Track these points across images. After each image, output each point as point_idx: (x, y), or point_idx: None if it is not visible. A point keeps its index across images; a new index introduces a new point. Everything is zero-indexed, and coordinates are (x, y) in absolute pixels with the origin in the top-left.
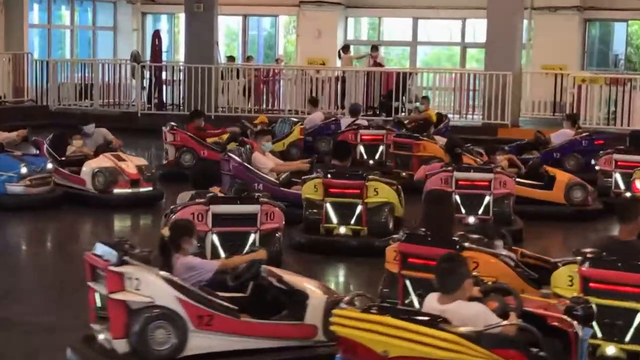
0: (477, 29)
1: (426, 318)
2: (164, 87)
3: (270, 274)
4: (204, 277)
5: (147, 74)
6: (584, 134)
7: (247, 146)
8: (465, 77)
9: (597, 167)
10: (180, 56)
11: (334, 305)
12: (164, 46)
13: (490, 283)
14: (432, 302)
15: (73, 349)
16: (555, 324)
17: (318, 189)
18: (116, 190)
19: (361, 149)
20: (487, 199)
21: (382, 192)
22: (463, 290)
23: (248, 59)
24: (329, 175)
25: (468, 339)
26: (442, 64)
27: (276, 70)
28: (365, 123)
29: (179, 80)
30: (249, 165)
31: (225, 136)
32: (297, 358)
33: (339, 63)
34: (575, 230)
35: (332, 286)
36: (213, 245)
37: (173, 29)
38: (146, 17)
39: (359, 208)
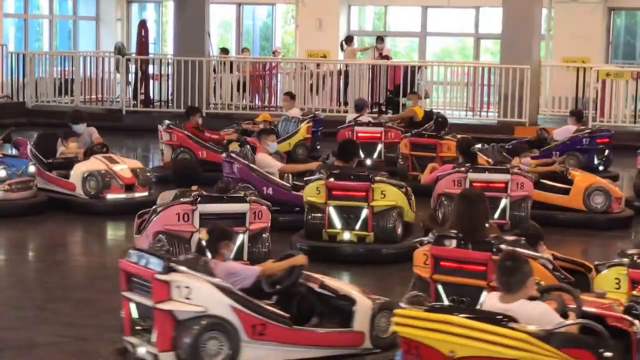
0: (492, 18)
1: (495, 317)
2: (151, 82)
3: (309, 279)
4: (246, 284)
5: (132, 68)
6: (585, 132)
7: (248, 146)
8: (479, 71)
9: (638, 167)
10: (169, 48)
11: (379, 310)
12: (151, 37)
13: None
14: (494, 301)
15: None
16: (616, 323)
17: (321, 192)
18: (109, 196)
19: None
20: (503, 201)
21: (389, 195)
22: (526, 289)
23: (243, 51)
24: (333, 177)
25: (538, 338)
26: (453, 57)
27: (273, 64)
28: (369, 119)
29: (167, 75)
30: (256, 167)
31: (231, 136)
32: None
33: (341, 56)
34: (597, 239)
35: None
36: (200, 247)
37: (161, 19)
38: (131, 5)
39: (365, 212)
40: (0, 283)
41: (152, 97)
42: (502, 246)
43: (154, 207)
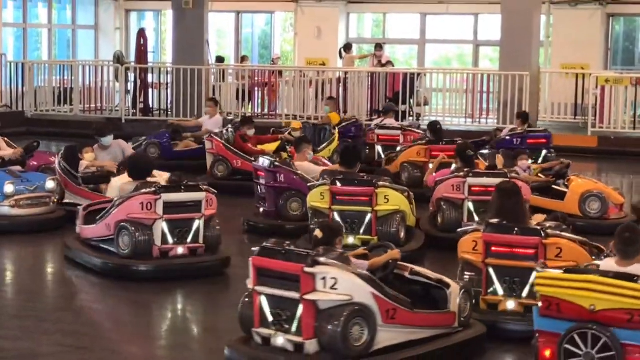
0: (491, 25)
1: (628, 276)
2: (150, 90)
3: (400, 268)
4: None
5: (131, 77)
6: (518, 132)
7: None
8: (478, 77)
9: None
10: (168, 57)
11: (465, 293)
12: (150, 46)
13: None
14: (611, 265)
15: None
16: None
17: (325, 197)
18: None
19: (379, 149)
20: None
21: (393, 199)
22: (639, 257)
23: (242, 59)
24: (337, 182)
25: None
26: (452, 64)
27: (272, 72)
28: (395, 124)
29: (167, 83)
30: (305, 175)
31: (272, 146)
32: (449, 345)
33: (340, 63)
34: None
35: None
36: (163, 233)
37: (160, 28)
38: (130, 14)
39: (369, 217)
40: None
41: (151, 106)
42: (549, 231)
43: (112, 199)
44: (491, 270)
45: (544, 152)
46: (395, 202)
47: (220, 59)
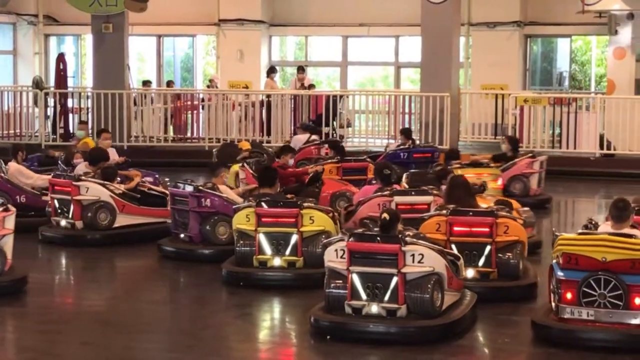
0: (412, 47)
1: (628, 235)
2: (70, 115)
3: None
4: None
5: (51, 102)
6: (401, 146)
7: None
8: (400, 99)
9: None
10: (88, 81)
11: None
12: (70, 71)
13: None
14: (607, 229)
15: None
16: None
17: (250, 219)
18: None
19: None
20: None
21: (318, 220)
22: (628, 221)
23: (168, 84)
24: (262, 204)
25: None
26: (376, 85)
27: (209, 96)
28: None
29: (87, 108)
30: (231, 199)
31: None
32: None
33: (263, 86)
34: None
35: (268, 322)
36: None
37: (79, 52)
38: (49, 39)
39: (294, 237)
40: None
41: (71, 131)
42: (501, 212)
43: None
44: (355, 277)
45: (429, 165)
46: (321, 222)
47: (146, 83)
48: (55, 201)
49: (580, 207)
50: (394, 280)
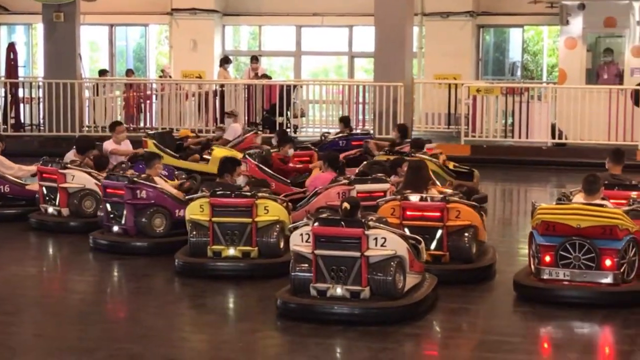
0: (366, 37)
1: (600, 204)
2: (22, 105)
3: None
4: None
5: (1, 92)
6: (339, 135)
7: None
8: (353, 89)
9: None
10: (39, 71)
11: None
12: (21, 60)
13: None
14: (581, 200)
15: (283, 300)
16: None
17: (204, 209)
18: None
19: None
20: None
21: (272, 210)
22: (599, 194)
23: (127, 73)
24: (216, 194)
25: (626, 213)
26: (330, 75)
27: (162, 86)
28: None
29: (38, 98)
30: (167, 190)
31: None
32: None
33: (216, 76)
34: None
35: (222, 311)
36: None
37: (30, 41)
38: (0, 28)
39: (249, 228)
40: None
41: (22, 121)
42: (453, 198)
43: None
44: (320, 260)
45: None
46: (275, 212)
47: (103, 72)
48: (44, 188)
49: (533, 196)
50: (358, 263)
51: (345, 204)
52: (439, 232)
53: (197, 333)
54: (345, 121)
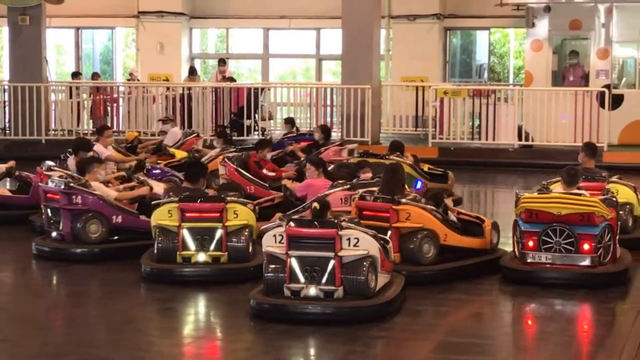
0: (333, 39)
1: (578, 194)
2: None
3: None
4: None
5: None
6: (289, 135)
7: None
8: (321, 91)
9: None
10: (5, 74)
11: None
12: None
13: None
14: (560, 191)
15: (256, 301)
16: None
17: (173, 214)
18: None
19: None
20: None
21: (242, 214)
22: (577, 185)
23: (94, 76)
24: (186, 199)
25: (602, 201)
26: (298, 78)
27: (129, 89)
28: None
29: (4, 101)
30: (103, 196)
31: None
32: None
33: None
34: None
35: (190, 316)
36: None
37: None
38: None
39: (219, 232)
40: None
41: None
42: (402, 200)
43: None
44: (293, 261)
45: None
46: (244, 216)
47: (76, 74)
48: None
49: (500, 198)
50: (331, 263)
51: (315, 204)
52: (389, 233)
53: (164, 337)
54: (290, 122)
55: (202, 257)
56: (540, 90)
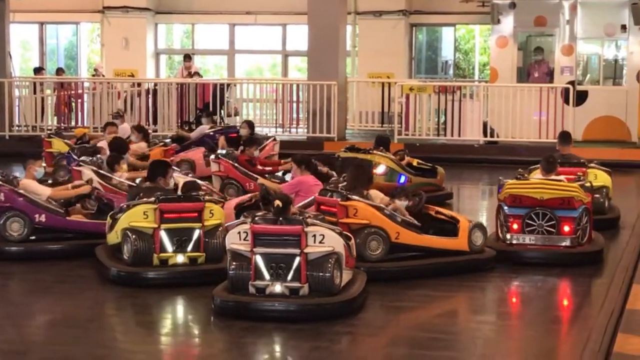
0: (299, 35)
1: (558, 180)
2: None
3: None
4: None
5: None
6: (217, 128)
7: None
8: (287, 87)
9: None
10: None
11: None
12: None
13: None
14: (539, 177)
15: (221, 299)
16: None
17: (149, 216)
18: None
19: None
20: None
21: (217, 213)
22: (555, 173)
23: (58, 71)
24: (163, 200)
25: (580, 187)
26: (264, 74)
27: (94, 84)
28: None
29: None
30: (29, 195)
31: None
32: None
33: (149, 74)
34: None
35: (157, 313)
36: None
37: None
38: None
39: (197, 233)
40: None
41: None
42: (349, 196)
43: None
44: (258, 258)
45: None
46: (219, 215)
47: (39, 70)
48: None
49: (466, 194)
50: (297, 260)
51: (277, 202)
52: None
53: (129, 334)
54: (210, 116)
55: (180, 258)
56: (505, 86)
